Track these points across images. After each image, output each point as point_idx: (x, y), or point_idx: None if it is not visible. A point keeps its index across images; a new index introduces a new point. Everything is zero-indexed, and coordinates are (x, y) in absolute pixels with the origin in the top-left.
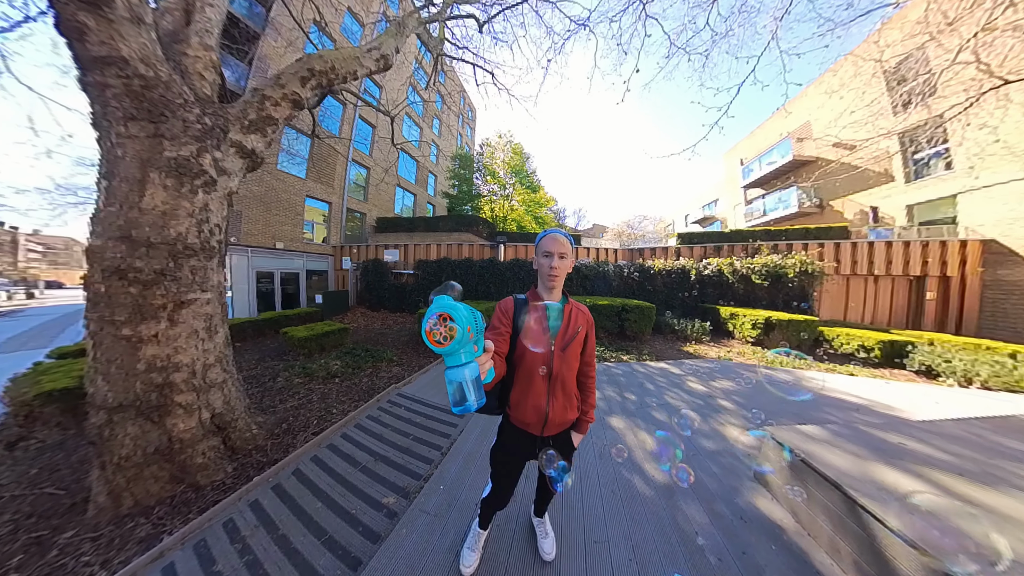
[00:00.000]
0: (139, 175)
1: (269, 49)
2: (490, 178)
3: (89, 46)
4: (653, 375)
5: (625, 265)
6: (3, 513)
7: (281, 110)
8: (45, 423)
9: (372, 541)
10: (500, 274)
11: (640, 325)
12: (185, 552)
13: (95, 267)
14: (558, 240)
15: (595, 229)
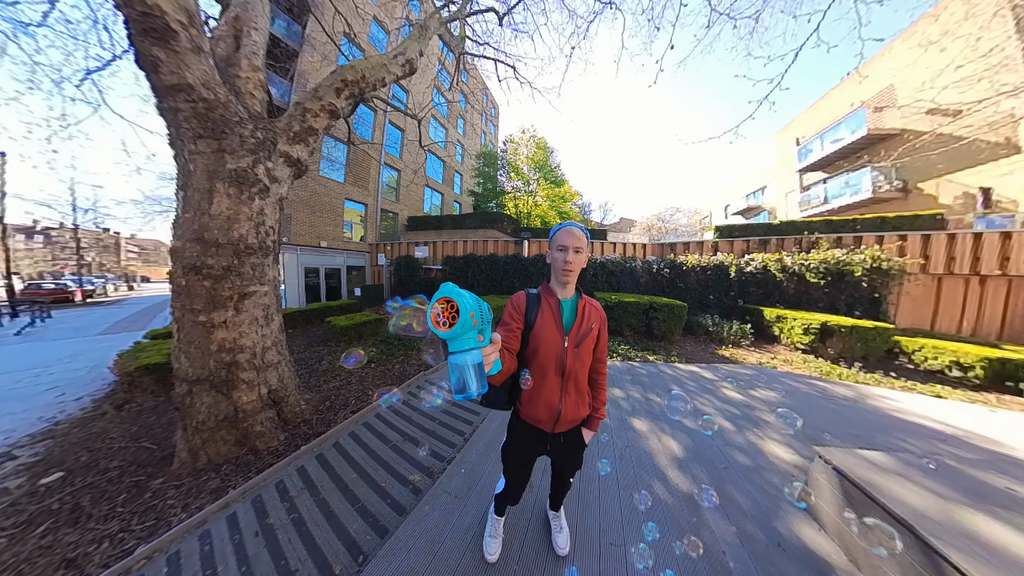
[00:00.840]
0: (207, 186)
1: (307, 65)
2: (514, 174)
3: (162, 76)
4: (682, 378)
5: (654, 261)
6: (114, 460)
7: (320, 120)
8: (143, 390)
9: (398, 513)
10: (524, 269)
11: (669, 324)
12: (245, 505)
13: (177, 264)
14: (573, 234)
15: (622, 223)
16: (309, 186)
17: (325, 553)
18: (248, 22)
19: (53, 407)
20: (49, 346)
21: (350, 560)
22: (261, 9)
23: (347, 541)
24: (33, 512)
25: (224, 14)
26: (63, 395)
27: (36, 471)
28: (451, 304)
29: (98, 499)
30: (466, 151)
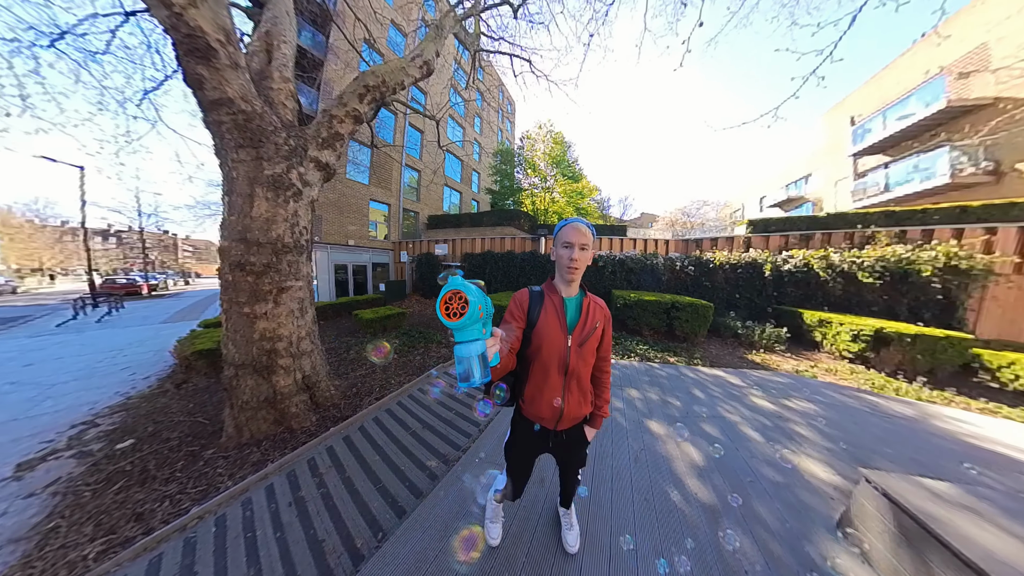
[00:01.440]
0: (248, 191)
1: (332, 73)
2: (530, 171)
3: (206, 92)
4: (705, 382)
5: (678, 258)
6: (174, 431)
7: (345, 126)
8: (198, 372)
9: (415, 496)
10: (541, 266)
11: (693, 325)
12: (281, 478)
13: (225, 262)
14: (579, 230)
15: (643, 219)
16: (337, 188)
17: (349, 527)
18: (278, 36)
19: (126, 384)
20: (122, 332)
21: (370, 535)
22: (289, 23)
23: (368, 518)
24: (111, 472)
25: (256, 30)
26: (134, 374)
27: (113, 438)
28: (461, 296)
29: (161, 464)
30: (483, 149)
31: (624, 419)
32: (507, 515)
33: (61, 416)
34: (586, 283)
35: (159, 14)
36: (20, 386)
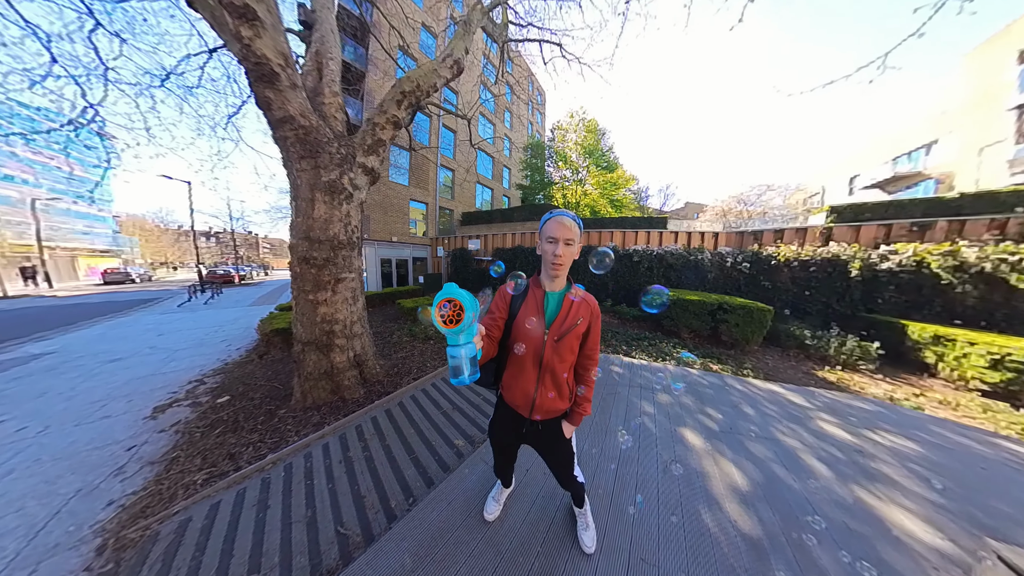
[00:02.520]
0: (310, 196)
1: (373, 83)
2: (561, 163)
3: (273, 112)
4: (758, 398)
5: (730, 253)
6: (257, 392)
7: (386, 132)
8: (275, 346)
9: (443, 470)
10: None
11: (744, 330)
12: (334, 440)
13: (294, 256)
14: (564, 224)
15: (687, 209)
16: (381, 191)
17: (386, 488)
18: (325, 54)
19: (224, 353)
20: (222, 312)
21: (403, 499)
22: (334, 40)
23: (402, 483)
24: (213, 419)
25: (307, 50)
26: (229, 345)
27: (215, 393)
28: (456, 304)
29: (247, 417)
30: (513, 144)
31: (654, 425)
32: (527, 501)
33: (181, 374)
34: (617, 279)
35: (233, 47)
36: (156, 350)
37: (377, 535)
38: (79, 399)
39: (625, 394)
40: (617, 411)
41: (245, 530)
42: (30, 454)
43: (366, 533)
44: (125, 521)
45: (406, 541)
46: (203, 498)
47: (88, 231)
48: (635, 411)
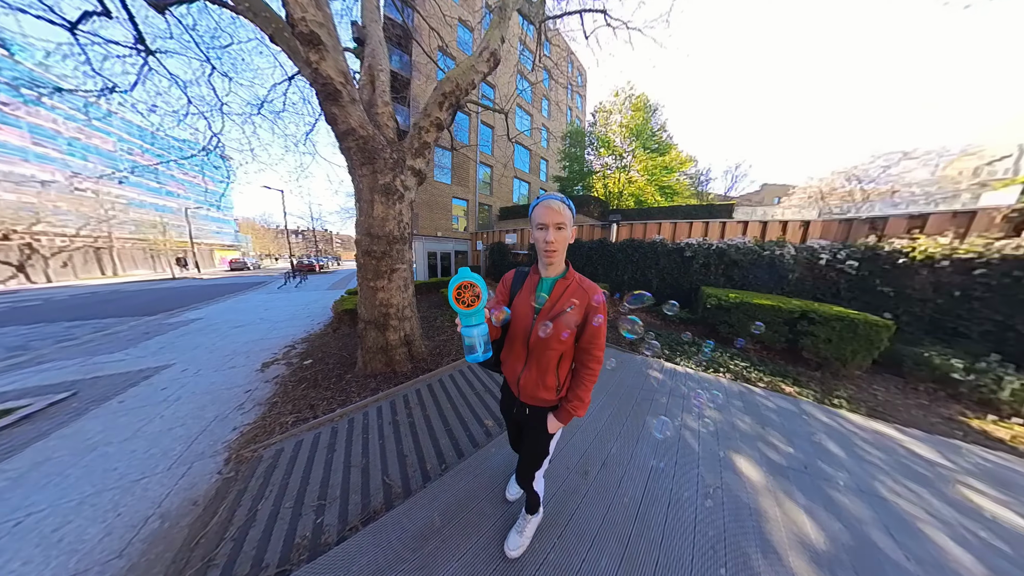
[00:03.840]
0: (370, 197)
1: (417, 89)
2: (603, 150)
3: (339, 126)
4: (851, 435)
5: (826, 247)
6: (331, 359)
7: (430, 134)
8: (344, 323)
9: (473, 445)
10: (611, 255)
11: (840, 348)
12: (385, 404)
13: (358, 250)
14: (552, 208)
15: (765, 192)
16: (428, 190)
17: (423, 452)
18: (376, 66)
19: (309, 326)
20: (308, 294)
21: (436, 464)
22: (383, 52)
23: (437, 450)
24: (300, 376)
25: (362, 65)
26: (313, 320)
27: (302, 356)
28: (475, 287)
29: (323, 378)
30: (551, 134)
31: (697, 443)
32: (547, 492)
33: (280, 340)
34: (663, 276)
35: (305, 72)
36: (264, 321)
37: (414, 490)
38: (217, 353)
39: (664, 403)
40: (653, 420)
41: (318, 465)
42: (188, 388)
43: (405, 487)
44: (242, 443)
45: (436, 501)
46: (291, 436)
47: (219, 231)
48: (675, 423)
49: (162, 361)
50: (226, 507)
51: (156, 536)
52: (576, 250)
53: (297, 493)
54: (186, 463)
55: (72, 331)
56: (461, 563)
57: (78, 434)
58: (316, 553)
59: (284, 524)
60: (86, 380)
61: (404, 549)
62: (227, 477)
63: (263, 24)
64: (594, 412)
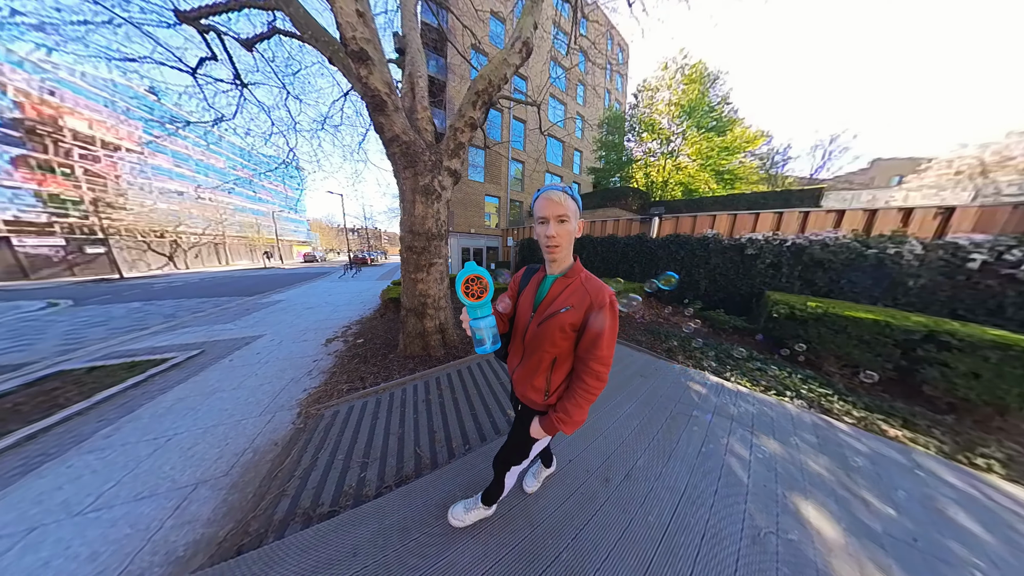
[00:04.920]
0: (411, 198)
1: (452, 91)
2: (646, 134)
3: (385, 134)
4: (1003, 513)
5: (984, 244)
6: (377, 340)
7: (465, 135)
8: (390, 310)
9: (495, 432)
10: (650, 252)
11: (1001, 390)
12: (420, 384)
13: (402, 245)
14: (553, 200)
15: (875, 169)
16: (462, 189)
17: (450, 431)
18: (415, 73)
19: (362, 310)
20: (362, 283)
21: (461, 443)
22: (421, 59)
23: (462, 432)
24: (354, 352)
25: (403, 75)
26: (365, 306)
27: (355, 336)
28: (482, 280)
29: (371, 356)
30: (586, 123)
31: (747, 475)
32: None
33: (339, 321)
34: (714, 278)
35: (357, 86)
36: (327, 304)
37: (440, 464)
38: (294, 328)
39: (705, 421)
40: (690, 439)
41: (364, 429)
42: (274, 354)
43: (432, 459)
44: (309, 402)
45: (459, 478)
46: (344, 401)
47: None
48: (718, 446)
49: (257, 332)
50: (296, 451)
51: (249, 464)
52: (610, 247)
53: (347, 449)
54: (271, 412)
55: (201, 306)
56: (476, 540)
57: (204, 381)
58: (359, 502)
59: (336, 473)
60: (209, 342)
61: (428, 515)
62: (298, 428)
63: (323, 48)
64: (621, 418)
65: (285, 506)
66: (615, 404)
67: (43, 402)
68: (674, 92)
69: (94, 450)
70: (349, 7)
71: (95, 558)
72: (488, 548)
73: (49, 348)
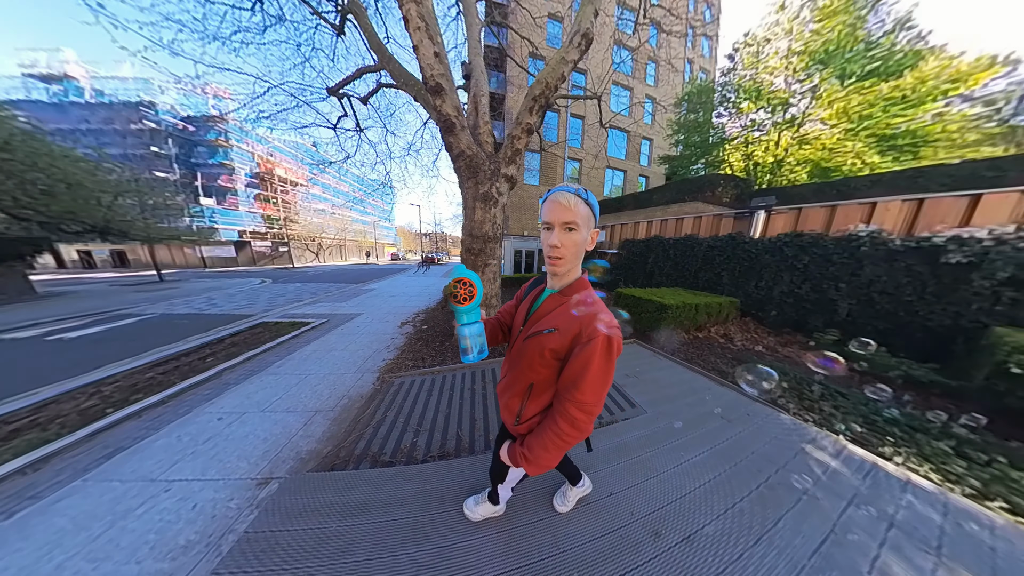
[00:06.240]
0: (472, 205)
1: (511, 102)
2: (749, 103)
3: (453, 151)
4: None
5: None
6: (438, 328)
7: (521, 141)
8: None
9: None
10: (749, 257)
11: None
12: (468, 373)
13: (463, 247)
14: (559, 204)
15: None
16: (517, 193)
17: (489, 423)
18: (479, 93)
19: (429, 301)
20: (429, 279)
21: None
22: (483, 79)
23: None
24: (419, 336)
25: (469, 96)
26: (431, 298)
27: (422, 322)
28: (470, 284)
29: (432, 340)
30: (658, 105)
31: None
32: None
33: (411, 309)
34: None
35: (432, 114)
36: (404, 295)
37: (476, 451)
38: (381, 311)
39: (827, 507)
40: (799, 527)
41: (420, 402)
42: (367, 329)
43: (471, 444)
44: (385, 371)
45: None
46: (409, 375)
47: (386, 235)
48: (855, 555)
49: (358, 311)
50: (373, 407)
51: (344, 408)
52: (687, 251)
53: (406, 415)
54: (361, 372)
55: (329, 289)
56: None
57: (327, 341)
58: (409, 461)
59: (397, 432)
60: (332, 315)
61: (461, 492)
62: (376, 388)
63: (410, 89)
64: (687, 465)
65: (362, 446)
66: (681, 444)
67: (254, 339)
68: (798, 37)
69: (272, 374)
70: (429, 51)
71: (267, 440)
72: (510, 551)
73: (260, 307)
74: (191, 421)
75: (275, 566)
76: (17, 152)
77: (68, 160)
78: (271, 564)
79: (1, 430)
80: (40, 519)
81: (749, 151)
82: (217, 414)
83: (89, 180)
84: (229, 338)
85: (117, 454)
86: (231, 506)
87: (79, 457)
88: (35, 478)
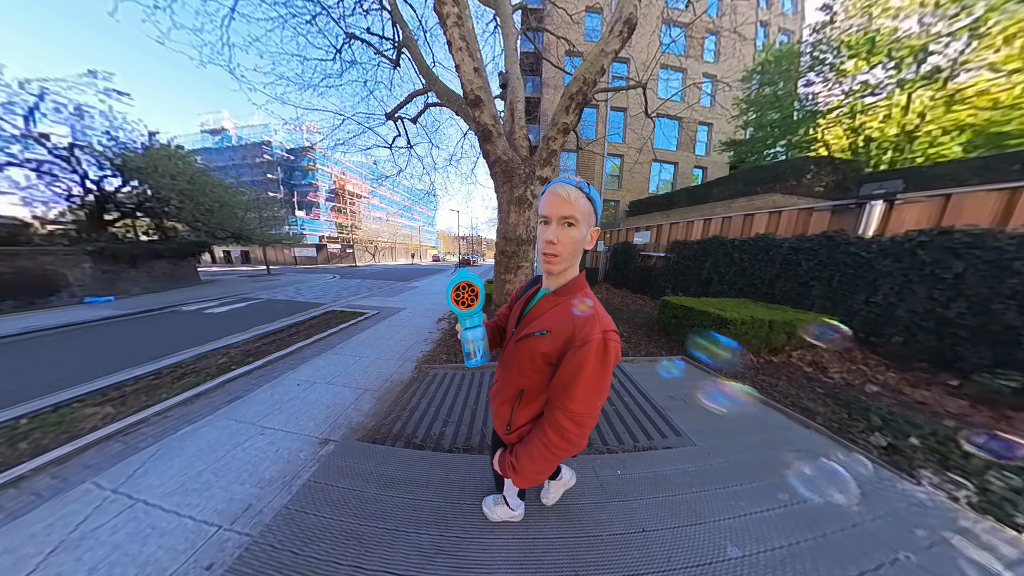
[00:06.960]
0: (507, 208)
1: (547, 104)
2: (854, 63)
3: (490, 157)
4: None
5: None
6: None
7: (557, 142)
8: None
9: None
10: (858, 263)
11: None
12: (495, 372)
13: (496, 249)
14: (558, 196)
15: None
16: None
17: None
18: (515, 99)
19: None
20: None
21: None
22: (519, 85)
23: None
24: (453, 332)
25: (505, 104)
26: None
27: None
28: (473, 287)
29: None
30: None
31: None
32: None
33: (445, 307)
34: None
35: (471, 125)
36: (441, 293)
37: None
38: (422, 306)
39: None
40: None
41: (450, 395)
42: (410, 322)
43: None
44: (422, 361)
45: None
46: (442, 367)
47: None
48: None
49: (404, 305)
50: (410, 393)
51: (387, 389)
52: (760, 254)
53: (438, 405)
54: (402, 360)
55: (381, 285)
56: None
57: (378, 330)
58: (437, 448)
59: (428, 419)
60: (383, 307)
61: (481, 488)
62: (414, 376)
63: (452, 105)
64: (748, 523)
65: (399, 426)
66: (741, 491)
67: (325, 323)
68: None
69: (336, 353)
70: (469, 68)
71: (329, 408)
72: (525, 563)
73: (330, 298)
74: (280, 383)
75: (325, 515)
76: (196, 184)
77: (221, 188)
78: (323, 513)
79: (176, 372)
80: (191, 440)
81: (857, 123)
82: (296, 380)
83: (232, 201)
84: (308, 321)
85: (235, 401)
86: (300, 456)
87: (214, 398)
88: (190, 408)
